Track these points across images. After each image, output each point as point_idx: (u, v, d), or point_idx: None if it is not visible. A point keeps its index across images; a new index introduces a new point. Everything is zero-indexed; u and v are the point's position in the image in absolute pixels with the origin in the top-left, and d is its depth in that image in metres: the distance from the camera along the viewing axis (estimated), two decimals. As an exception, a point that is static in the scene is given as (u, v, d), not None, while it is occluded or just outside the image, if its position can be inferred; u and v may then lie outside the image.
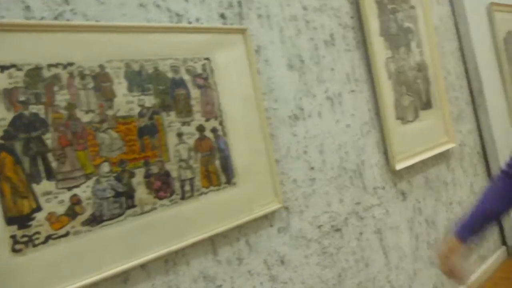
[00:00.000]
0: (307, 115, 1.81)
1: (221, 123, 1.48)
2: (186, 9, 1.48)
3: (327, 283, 1.76)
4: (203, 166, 1.41)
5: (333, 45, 2.01)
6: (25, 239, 1.04)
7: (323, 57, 1.94)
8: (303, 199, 1.73)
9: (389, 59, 2.28)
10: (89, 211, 1.15)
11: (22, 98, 1.08)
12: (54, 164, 1.10)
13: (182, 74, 1.40)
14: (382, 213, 2.11)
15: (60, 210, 1.10)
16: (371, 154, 2.11)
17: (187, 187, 1.36)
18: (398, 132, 2.25)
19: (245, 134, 1.55)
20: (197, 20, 1.51)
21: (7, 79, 1.06)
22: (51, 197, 1.09)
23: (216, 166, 1.44)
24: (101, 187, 1.17)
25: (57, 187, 1.10)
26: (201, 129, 1.42)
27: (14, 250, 1.03)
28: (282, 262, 1.62)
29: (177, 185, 1.34)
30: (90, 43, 1.21)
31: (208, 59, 1.48)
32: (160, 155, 1.31)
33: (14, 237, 1.03)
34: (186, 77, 1.40)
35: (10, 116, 1.05)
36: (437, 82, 2.63)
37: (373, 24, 2.21)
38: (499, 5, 3.27)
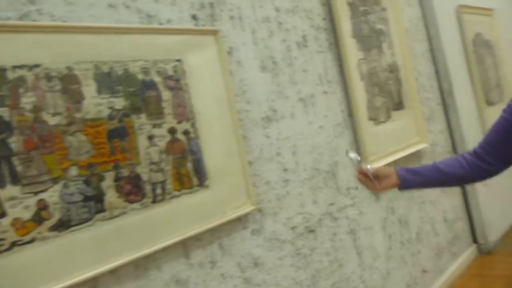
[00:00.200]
0: (280, 117, 1.81)
1: (193, 125, 1.46)
2: (157, 10, 1.46)
3: (301, 284, 1.77)
4: (174, 168, 1.39)
5: (306, 46, 2.01)
6: (-12, 246, 1.01)
7: (295, 58, 1.94)
8: (277, 201, 1.73)
9: (361, 60, 2.30)
10: (56, 216, 1.12)
11: (-15, 100, 1.04)
12: (19, 168, 1.07)
13: (153, 76, 1.38)
14: (356, 213, 2.13)
15: (26, 215, 1.07)
16: (344, 155, 2.12)
17: (159, 190, 1.34)
18: (371, 132, 2.28)
19: (217, 136, 1.54)
20: (169, 21, 1.49)
21: (-31, 81, 1.03)
22: (16, 202, 1.05)
23: (188, 169, 1.43)
24: (69, 191, 1.15)
25: (23, 192, 1.06)
26: (172, 131, 1.40)
27: (-23, 258, 0.99)
28: (256, 265, 1.61)
29: (148, 188, 1.32)
30: (57, 44, 1.18)
31: (179, 60, 1.46)
32: (130, 158, 1.29)
33: (-23, 244, 1.00)
34: (157, 79, 1.39)
35: (-28, 119, 1.02)
36: (408, 83, 2.67)
37: (345, 26, 2.22)
38: (467, 7, 3.33)
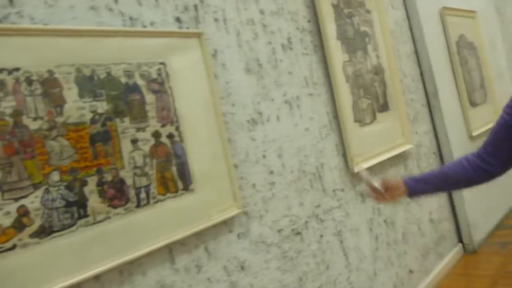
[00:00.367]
0: (266, 119, 1.81)
1: (177, 128, 1.45)
2: (140, 12, 1.45)
3: (288, 287, 1.76)
4: (159, 172, 1.38)
5: (291, 49, 2.01)
6: (-33, 254, 0.99)
7: (280, 61, 1.94)
8: (263, 204, 1.73)
9: (346, 62, 2.31)
10: (38, 223, 1.10)
11: (-37, 105, 1.02)
12: (-1, 174, 1.05)
13: (136, 79, 1.36)
14: (342, 215, 2.13)
15: (6, 222, 1.04)
16: (330, 157, 2.12)
17: (143, 195, 1.33)
18: (357, 134, 2.28)
19: (202, 139, 1.52)
20: (152, 24, 1.48)
21: None
22: (-4, 209, 1.03)
23: (172, 173, 1.41)
24: (50, 197, 1.13)
25: (3, 198, 1.04)
26: (156, 135, 1.39)
27: (-45, 266, 0.97)
28: (242, 268, 1.60)
29: (132, 193, 1.30)
30: (38, 47, 1.16)
31: (163, 63, 1.45)
32: (114, 163, 1.27)
33: (-45, 252, 0.98)
34: (140, 82, 1.37)
35: (-51, 124, 1.00)
36: (393, 84, 2.68)
37: (330, 28, 2.23)
38: (450, 9, 3.37)
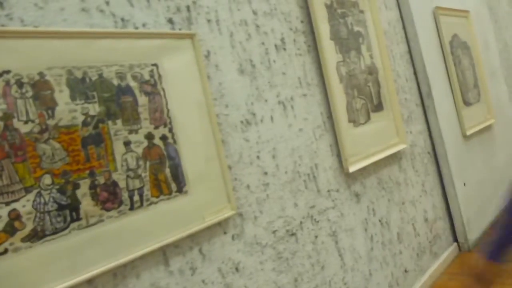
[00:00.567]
0: (259, 120, 1.80)
1: (170, 130, 1.44)
2: (132, 14, 1.44)
3: (283, 288, 1.76)
4: (152, 175, 1.37)
5: (284, 49, 2.01)
6: (-42, 259, 0.98)
7: (274, 61, 1.94)
8: (257, 205, 1.72)
9: (340, 63, 2.30)
10: (29, 226, 1.09)
11: (-47, 109, 1.01)
12: (-11, 178, 1.04)
13: (129, 81, 1.36)
14: (337, 215, 2.13)
15: (-3, 226, 1.04)
16: (325, 157, 2.12)
17: (136, 197, 1.32)
18: (351, 134, 2.28)
19: (196, 141, 1.52)
20: (144, 25, 1.47)
21: None
22: (-13, 213, 1.03)
23: (166, 175, 1.41)
24: (42, 200, 1.12)
25: (-6, 202, 1.04)
26: (149, 137, 1.38)
27: None
28: (237, 270, 1.60)
29: (125, 195, 1.29)
30: (28, 49, 1.15)
31: (155, 65, 1.44)
32: (106, 165, 1.26)
33: None
34: (132, 84, 1.36)
35: None
36: (387, 84, 2.69)
37: (323, 28, 2.23)
38: (444, 9, 3.37)
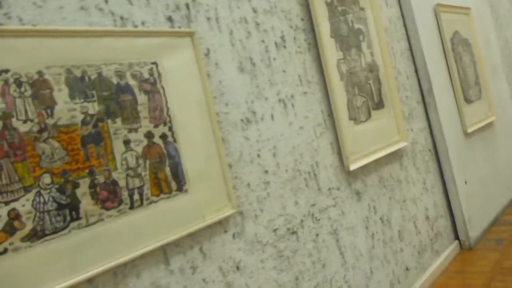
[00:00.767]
0: (260, 118, 1.80)
1: (170, 129, 1.44)
2: (131, 12, 1.44)
3: (284, 286, 1.75)
4: (152, 173, 1.37)
5: (284, 47, 2.00)
6: (-43, 259, 0.98)
7: (274, 59, 1.93)
8: (258, 203, 1.72)
9: (340, 60, 2.30)
10: (29, 226, 1.08)
11: (-49, 108, 1.01)
12: (-12, 178, 1.04)
13: (128, 79, 1.35)
14: (338, 213, 2.12)
15: (-3, 226, 1.03)
16: (325, 155, 2.12)
17: (136, 196, 1.32)
18: (351, 132, 2.28)
19: (196, 139, 1.51)
20: (143, 23, 1.46)
21: None
22: (-14, 213, 1.02)
23: (166, 173, 1.40)
24: (42, 199, 1.11)
25: (-7, 202, 1.03)
26: (149, 135, 1.38)
27: None
28: (238, 268, 1.59)
29: (125, 194, 1.29)
30: (27, 48, 1.15)
31: (155, 63, 1.44)
32: (106, 164, 1.26)
33: None
34: (132, 82, 1.36)
35: None
36: (388, 82, 2.68)
37: (323, 26, 2.22)
38: (445, 6, 3.36)
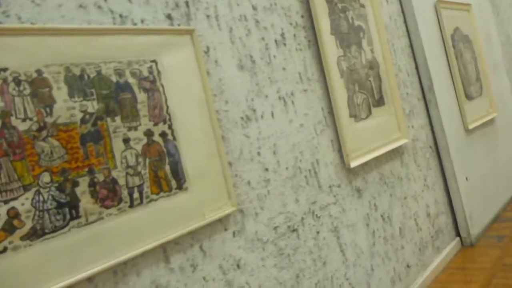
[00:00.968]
0: (260, 116, 1.79)
1: (170, 127, 1.43)
2: (130, 10, 1.43)
3: (285, 284, 1.75)
4: (152, 172, 1.36)
5: (284, 44, 2.00)
6: (-43, 258, 0.98)
7: (274, 57, 1.93)
8: (258, 201, 1.71)
9: (340, 57, 2.29)
10: (29, 225, 1.08)
11: (-50, 107, 1.01)
12: (-12, 177, 1.03)
13: (127, 78, 1.35)
14: (338, 211, 2.12)
15: (-4, 225, 1.03)
16: (326, 152, 2.11)
17: (136, 195, 1.31)
18: (352, 129, 2.27)
19: (196, 137, 1.51)
20: (142, 21, 1.46)
21: None
22: (-14, 212, 1.02)
23: (166, 172, 1.40)
24: (41, 198, 1.11)
25: (-8, 201, 1.03)
26: (149, 133, 1.37)
27: None
28: (238, 266, 1.59)
29: (125, 192, 1.29)
30: (26, 47, 1.15)
31: (154, 61, 1.44)
32: (105, 162, 1.26)
33: None
34: (131, 81, 1.35)
35: None
36: (388, 79, 2.67)
37: (324, 23, 2.21)
38: (445, 2, 3.35)
